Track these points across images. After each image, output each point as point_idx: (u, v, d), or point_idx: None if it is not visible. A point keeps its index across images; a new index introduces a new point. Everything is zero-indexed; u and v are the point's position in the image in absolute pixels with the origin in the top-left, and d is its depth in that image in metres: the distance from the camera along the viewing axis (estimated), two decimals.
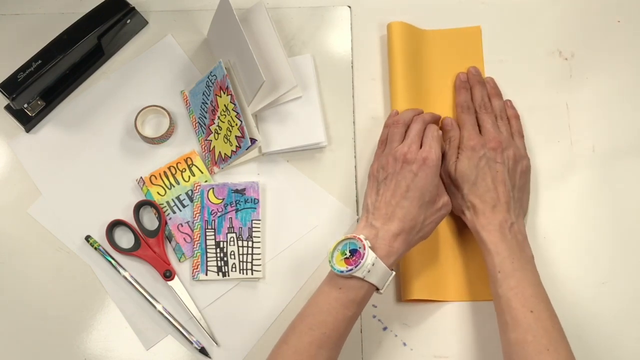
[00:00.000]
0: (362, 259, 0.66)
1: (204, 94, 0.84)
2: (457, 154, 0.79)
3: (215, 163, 0.83)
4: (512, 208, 0.75)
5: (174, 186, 0.83)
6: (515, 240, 0.73)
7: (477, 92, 0.84)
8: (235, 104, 0.81)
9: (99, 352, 0.78)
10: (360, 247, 0.67)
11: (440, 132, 0.78)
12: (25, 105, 0.83)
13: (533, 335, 0.67)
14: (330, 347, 0.68)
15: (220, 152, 0.83)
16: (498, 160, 0.77)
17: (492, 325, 0.77)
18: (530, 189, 0.81)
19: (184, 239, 0.81)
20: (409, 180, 0.71)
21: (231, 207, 0.82)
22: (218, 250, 0.80)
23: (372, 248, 0.68)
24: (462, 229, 0.80)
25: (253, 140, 0.80)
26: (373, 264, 0.67)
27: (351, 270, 0.66)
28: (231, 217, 0.81)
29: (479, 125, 0.82)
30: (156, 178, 0.83)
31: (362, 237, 0.68)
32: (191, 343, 0.78)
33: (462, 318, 0.79)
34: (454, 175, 0.78)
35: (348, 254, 0.68)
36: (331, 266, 0.68)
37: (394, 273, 0.70)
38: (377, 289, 0.69)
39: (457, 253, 0.81)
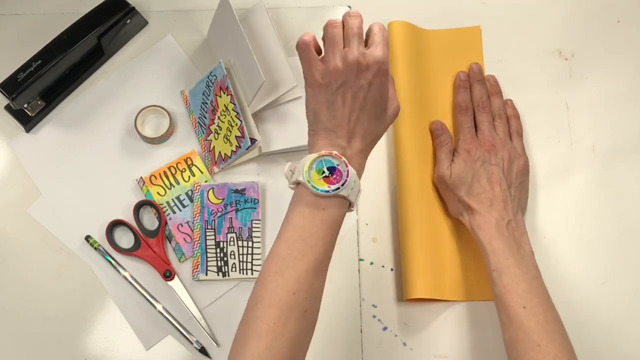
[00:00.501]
0: (347, 177, 0.61)
1: (204, 94, 0.84)
2: (452, 158, 0.80)
3: (215, 163, 0.83)
4: (510, 206, 0.75)
5: (174, 186, 0.83)
6: (512, 237, 0.73)
7: (476, 91, 0.84)
8: (235, 104, 0.81)
9: (99, 352, 0.78)
10: (339, 164, 0.62)
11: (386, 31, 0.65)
12: (25, 105, 0.83)
13: (524, 332, 0.67)
14: (322, 273, 0.63)
15: (220, 152, 0.83)
16: (492, 163, 0.77)
17: (492, 325, 0.77)
18: (529, 187, 0.81)
19: (184, 239, 0.81)
20: (365, 91, 0.62)
21: (231, 207, 0.82)
22: (218, 250, 0.80)
23: None
24: (463, 229, 0.80)
25: (253, 140, 0.80)
26: (355, 181, 0.62)
27: (338, 189, 0.61)
28: (231, 217, 0.81)
29: (476, 125, 0.82)
30: (156, 178, 0.83)
31: (337, 152, 0.62)
32: (191, 343, 0.78)
33: (462, 318, 0.79)
34: (449, 179, 0.78)
35: (326, 172, 0.62)
36: (312, 186, 0.61)
37: (361, 190, 0.65)
38: (350, 207, 0.65)
39: (458, 253, 0.81)
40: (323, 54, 0.64)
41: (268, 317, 0.60)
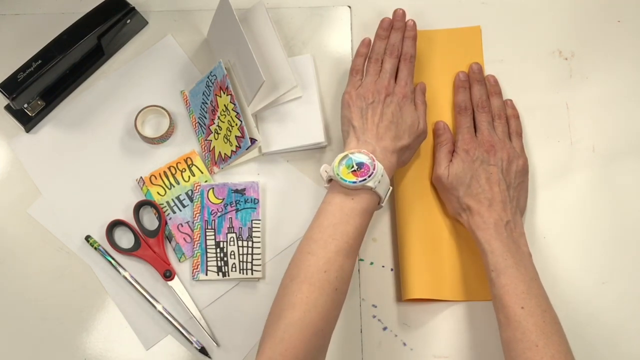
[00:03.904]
0: (373, 170, 0.69)
1: (204, 94, 0.84)
2: (451, 158, 0.80)
3: (215, 163, 0.83)
4: (508, 207, 0.75)
5: (174, 186, 0.83)
6: (511, 237, 0.73)
7: (475, 91, 0.84)
8: (235, 104, 0.81)
9: (99, 352, 0.78)
10: (367, 160, 0.70)
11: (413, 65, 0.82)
12: (25, 105, 0.83)
13: (522, 332, 0.67)
14: (352, 256, 0.69)
15: (220, 152, 0.83)
16: (491, 163, 0.78)
17: (491, 325, 0.77)
18: (528, 187, 0.81)
19: (184, 239, 0.81)
20: (393, 109, 0.76)
21: (231, 207, 0.82)
22: (218, 250, 0.80)
23: None
24: (461, 229, 0.80)
25: (253, 140, 0.80)
26: (382, 175, 0.70)
27: (364, 180, 0.69)
28: (231, 217, 0.81)
29: (475, 126, 0.82)
30: (156, 178, 0.83)
31: (366, 150, 0.71)
32: (191, 343, 0.78)
33: (462, 318, 0.79)
34: (446, 179, 0.78)
35: (355, 166, 0.70)
36: (340, 179, 0.70)
37: (391, 188, 0.73)
38: (379, 203, 0.72)
39: (457, 253, 0.81)
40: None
41: (301, 292, 0.66)
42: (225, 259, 0.80)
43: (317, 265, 0.67)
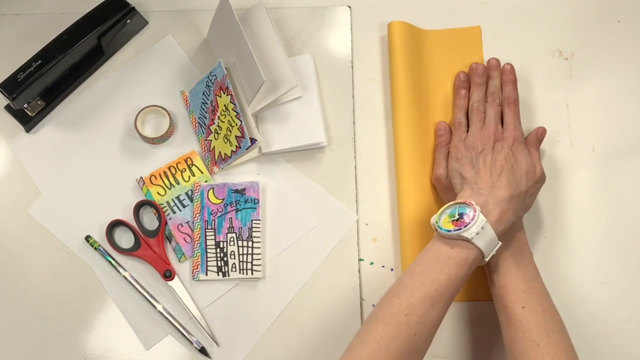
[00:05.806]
0: (471, 220, 0.66)
1: (204, 94, 0.84)
2: (448, 159, 0.80)
3: (215, 163, 0.83)
4: None
5: (174, 186, 0.83)
6: (512, 237, 0.73)
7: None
8: (235, 104, 0.81)
9: (99, 352, 0.78)
10: (470, 211, 0.67)
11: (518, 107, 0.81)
12: (25, 105, 0.83)
13: (523, 332, 0.67)
14: (441, 306, 0.66)
15: (220, 152, 0.83)
16: None
17: (491, 325, 0.77)
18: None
19: (184, 239, 0.81)
20: (505, 154, 0.74)
21: (231, 207, 0.82)
22: (218, 250, 0.80)
23: (482, 213, 0.68)
24: None
25: (253, 140, 0.80)
26: (482, 227, 0.66)
27: (459, 230, 0.66)
28: (231, 217, 0.81)
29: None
30: (156, 178, 0.83)
31: (472, 201, 0.68)
32: (191, 343, 0.78)
33: (462, 318, 0.79)
34: (446, 179, 0.78)
35: (457, 216, 0.68)
36: (438, 227, 0.68)
37: (500, 244, 0.69)
38: (483, 257, 0.68)
39: None
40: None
41: (375, 330, 0.64)
42: (225, 259, 0.80)
43: (399, 308, 0.65)
